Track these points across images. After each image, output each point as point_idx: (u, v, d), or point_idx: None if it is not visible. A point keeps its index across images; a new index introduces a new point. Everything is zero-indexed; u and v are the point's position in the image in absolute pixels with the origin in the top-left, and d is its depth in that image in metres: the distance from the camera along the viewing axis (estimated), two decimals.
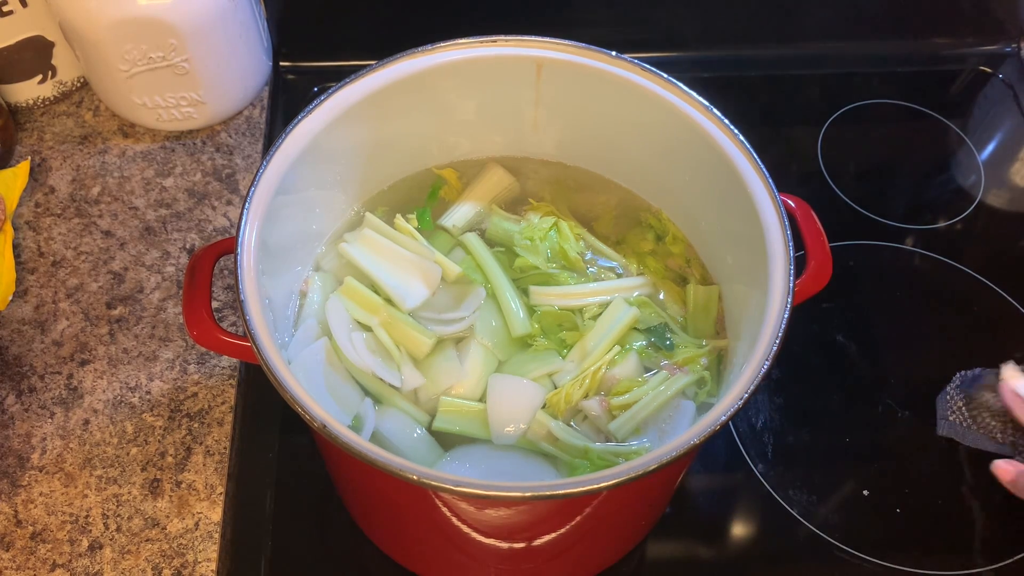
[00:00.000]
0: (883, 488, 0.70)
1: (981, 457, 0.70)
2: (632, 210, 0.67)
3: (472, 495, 0.45)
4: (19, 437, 0.66)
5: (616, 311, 0.60)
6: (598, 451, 0.56)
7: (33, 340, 0.70)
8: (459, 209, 0.66)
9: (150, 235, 0.76)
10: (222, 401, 0.68)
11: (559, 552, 0.59)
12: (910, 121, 0.94)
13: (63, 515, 0.63)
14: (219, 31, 0.75)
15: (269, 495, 0.68)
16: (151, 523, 0.63)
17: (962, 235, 0.86)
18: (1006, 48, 0.98)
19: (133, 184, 0.79)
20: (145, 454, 0.66)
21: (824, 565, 0.68)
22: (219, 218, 0.77)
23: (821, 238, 0.57)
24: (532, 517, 0.53)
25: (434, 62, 0.60)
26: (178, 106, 0.79)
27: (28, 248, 0.75)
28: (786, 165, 0.90)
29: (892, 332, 0.79)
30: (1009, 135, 0.94)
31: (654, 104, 0.60)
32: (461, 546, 0.58)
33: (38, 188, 0.78)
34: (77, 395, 0.68)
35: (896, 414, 0.74)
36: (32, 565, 0.62)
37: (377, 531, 0.65)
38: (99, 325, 0.71)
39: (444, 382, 0.59)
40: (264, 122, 0.84)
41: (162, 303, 0.72)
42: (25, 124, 0.82)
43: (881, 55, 0.98)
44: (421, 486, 0.45)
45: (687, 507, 0.69)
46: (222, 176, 0.80)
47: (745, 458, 0.71)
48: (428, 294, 0.61)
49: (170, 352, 0.70)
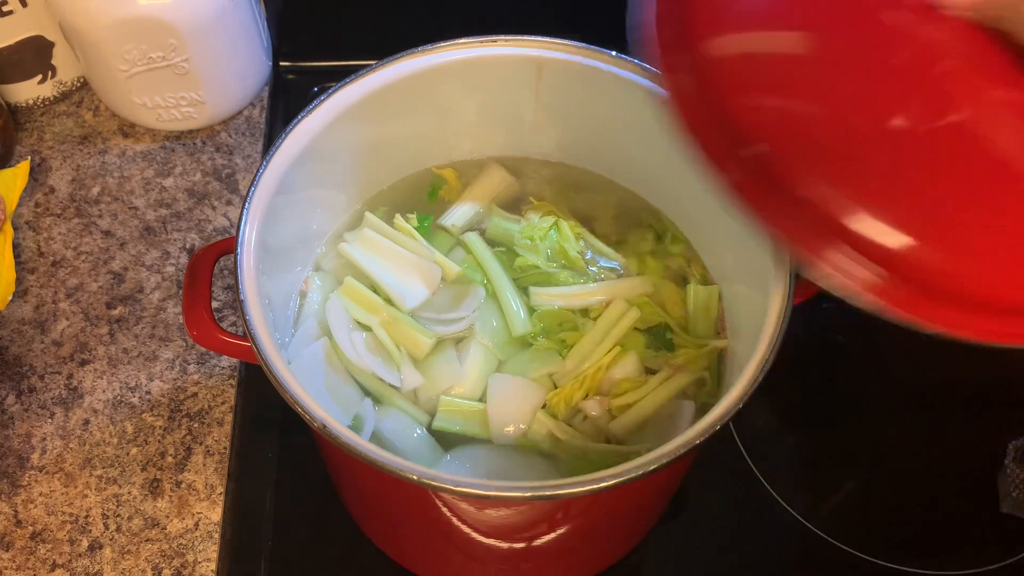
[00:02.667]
0: (883, 488, 0.70)
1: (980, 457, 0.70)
2: (632, 210, 0.67)
3: (472, 495, 0.45)
4: (19, 437, 0.66)
5: (617, 311, 0.60)
6: (598, 451, 0.56)
7: (33, 340, 0.70)
8: (459, 209, 0.66)
9: (150, 235, 0.76)
10: (222, 401, 0.68)
11: (559, 552, 0.59)
12: None
13: (63, 515, 0.63)
14: (219, 31, 0.75)
15: (269, 495, 0.68)
16: (151, 523, 0.63)
17: None
18: None
19: (133, 184, 0.79)
20: (145, 454, 0.66)
21: (824, 565, 0.68)
22: (219, 218, 0.77)
23: None
24: (532, 517, 0.53)
25: (434, 62, 0.60)
26: (178, 106, 0.79)
27: (28, 248, 0.75)
28: None
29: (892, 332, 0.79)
30: None
31: (655, 104, 0.59)
32: (461, 546, 0.58)
33: (38, 188, 0.78)
34: (77, 395, 0.68)
35: (896, 413, 0.74)
36: (32, 565, 0.61)
37: (377, 531, 0.65)
38: (99, 325, 0.71)
39: (444, 382, 0.59)
40: (264, 122, 0.84)
41: (162, 303, 0.72)
42: (25, 124, 0.82)
43: None
44: (421, 486, 0.45)
45: (687, 507, 0.69)
46: (222, 176, 0.80)
47: (745, 458, 0.71)
48: (428, 294, 0.61)
49: (170, 352, 0.70)
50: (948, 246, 0.41)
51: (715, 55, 0.44)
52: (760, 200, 0.42)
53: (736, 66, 0.44)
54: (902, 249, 0.41)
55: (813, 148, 0.42)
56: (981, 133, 0.42)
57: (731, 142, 0.42)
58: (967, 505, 0.70)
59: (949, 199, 0.42)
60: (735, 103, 0.43)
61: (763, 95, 0.43)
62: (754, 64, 0.44)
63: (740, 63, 0.44)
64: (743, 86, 0.43)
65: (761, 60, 0.44)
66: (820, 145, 0.42)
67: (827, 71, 0.43)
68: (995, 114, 0.43)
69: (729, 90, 0.43)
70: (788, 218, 0.42)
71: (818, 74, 0.43)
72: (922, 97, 0.43)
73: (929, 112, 0.42)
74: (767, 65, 0.44)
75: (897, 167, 0.42)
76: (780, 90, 0.44)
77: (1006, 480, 0.70)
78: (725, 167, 0.42)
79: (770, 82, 0.44)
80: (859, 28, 0.44)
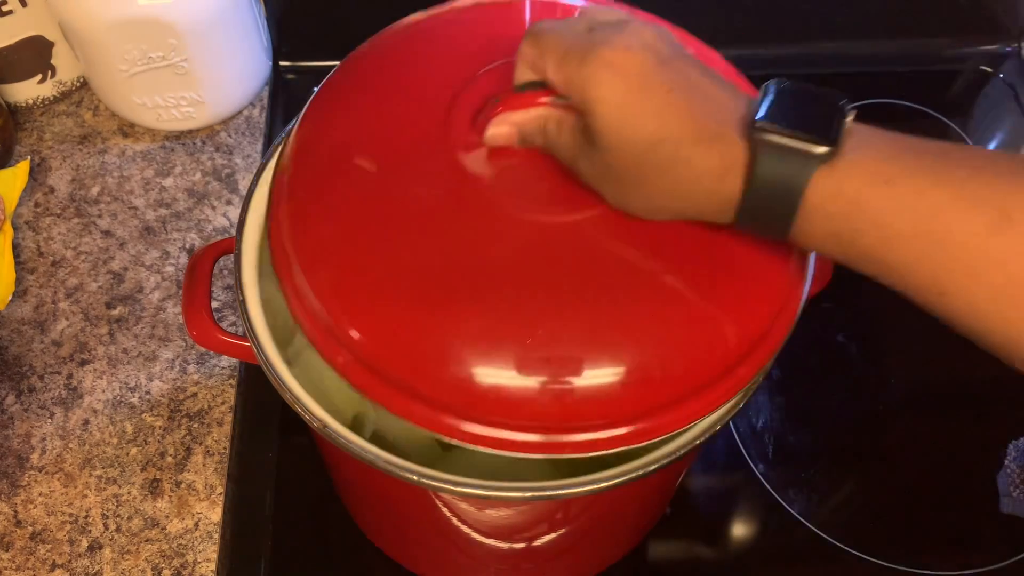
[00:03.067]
0: (883, 488, 0.70)
1: (980, 457, 0.70)
2: None
3: (472, 495, 0.45)
4: (19, 437, 0.66)
5: None
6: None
7: (32, 340, 0.70)
8: None
9: (150, 235, 0.76)
10: (222, 401, 0.68)
11: (559, 552, 0.59)
12: (910, 121, 0.93)
13: (63, 515, 0.63)
14: (219, 31, 0.75)
15: (269, 495, 0.68)
16: (151, 523, 0.63)
17: None
18: (1006, 48, 0.98)
19: (133, 184, 0.79)
20: (145, 454, 0.66)
21: (824, 565, 0.68)
22: (219, 218, 0.77)
23: None
24: (532, 517, 0.53)
25: None
26: (178, 106, 0.79)
27: (27, 248, 0.75)
28: None
29: (893, 332, 0.79)
30: (1010, 135, 0.94)
31: None
32: (461, 546, 0.58)
33: (37, 188, 0.78)
34: (77, 395, 0.68)
35: (896, 413, 0.74)
36: (32, 565, 0.61)
37: (377, 531, 0.65)
38: (99, 325, 0.71)
39: None
40: (264, 122, 0.84)
41: (162, 303, 0.72)
42: (25, 124, 0.82)
43: (881, 55, 0.98)
44: (421, 486, 0.45)
45: (687, 507, 0.69)
46: (222, 176, 0.80)
47: (745, 458, 0.71)
48: None
49: (170, 352, 0.70)
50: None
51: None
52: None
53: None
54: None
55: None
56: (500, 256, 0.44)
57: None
58: (967, 505, 0.70)
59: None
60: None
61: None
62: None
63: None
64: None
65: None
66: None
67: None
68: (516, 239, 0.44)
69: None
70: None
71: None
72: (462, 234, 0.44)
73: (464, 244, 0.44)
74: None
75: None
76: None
77: (1006, 480, 0.70)
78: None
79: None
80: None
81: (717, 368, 0.44)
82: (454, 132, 0.46)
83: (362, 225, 0.45)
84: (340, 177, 0.47)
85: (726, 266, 0.45)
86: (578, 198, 0.44)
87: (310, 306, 0.45)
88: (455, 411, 0.43)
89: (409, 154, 0.46)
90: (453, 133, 0.46)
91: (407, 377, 0.43)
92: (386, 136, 0.48)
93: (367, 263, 0.44)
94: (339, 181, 0.47)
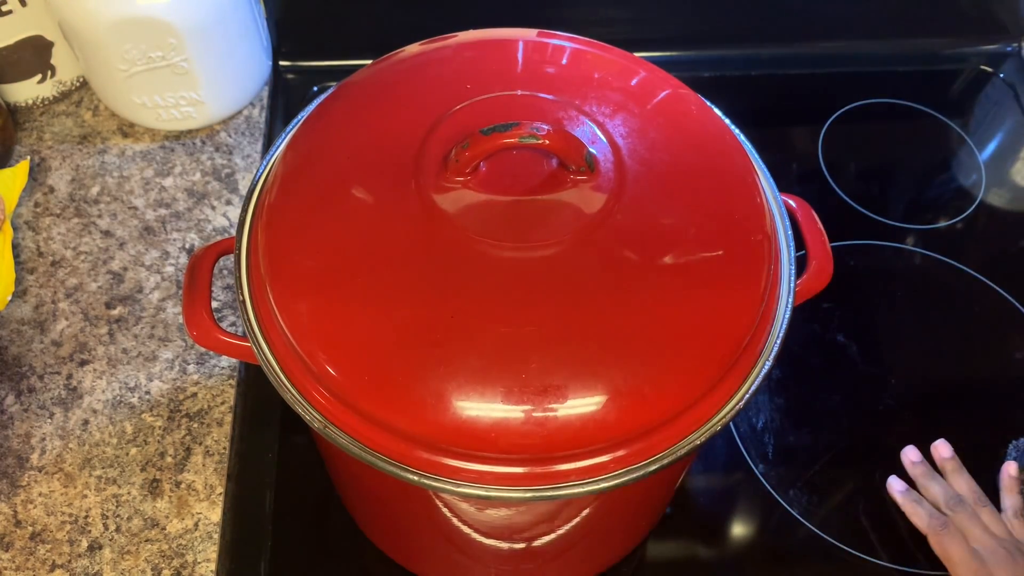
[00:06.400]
0: (883, 488, 0.70)
1: (981, 457, 0.70)
2: None
3: (472, 495, 0.45)
4: (18, 437, 0.66)
5: None
6: None
7: (32, 340, 0.70)
8: None
9: (149, 235, 0.76)
10: (222, 401, 0.68)
11: (559, 552, 0.59)
12: (911, 121, 0.94)
13: (62, 515, 0.63)
14: (219, 31, 0.75)
15: (269, 495, 0.68)
16: (151, 523, 0.63)
17: (963, 235, 0.86)
18: (1007, 48, 0.98)
19: (132, 184, 0.79)
20: (144, 454, 0.66)
21: (824, 565, 0.68)
22: (219, 218, 0.77)
23: (822, 238, 0.57)
24: (532, 517, 0.53)
25: None
26: (178, 106, 0.79)
27: (27, 248, 0.75)
28: (786, 165, 0.90)
29: (893, 332, 0.79)
30: (1010, 135, 0.94)
31: None
32: (461, 546, 0.58)
33: (37, 188, 0.78)
34: (76, 395, 0.68)
35: (896, 413, 0.74)
36: (31, 565, 0.61)
37: (377, 531, 0.65)
38: (98, 325, 0.71)
39: None
40: (264, 122, 0.84)
41: (162, 303, 0.72)
42: (24, 124, 0.82)
43: (881, 55, 0.98)
44: (421, 486, 0.45)
45: (687, 507, 0.69)
46: (222, 176, 0.80)
47: (745, 458, 0.71)
48: None
49: (170, 352, 0.70)
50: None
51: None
52: None
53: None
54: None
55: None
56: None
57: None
58: None
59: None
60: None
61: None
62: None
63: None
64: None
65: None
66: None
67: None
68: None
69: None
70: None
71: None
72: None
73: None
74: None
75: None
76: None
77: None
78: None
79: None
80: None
81: (702, 385, 0.45)
82: (425, 171, 0.48)
83: (338, 265, 0.47)
84: (318, 213, 0.48)
85: (700, 281, 0.46)
86: (548, 234, 0.46)
87: (286, 344, 0.46)
88: (435, 447, 0.44)
89: (384, 192, 0.48)
90: (425, 172, 0.48)
91: (390, 418, 0.44)
92: (364, 171, 0.49)
93: (343, 303, 0.45)
94: (317, 217, 0.48)
